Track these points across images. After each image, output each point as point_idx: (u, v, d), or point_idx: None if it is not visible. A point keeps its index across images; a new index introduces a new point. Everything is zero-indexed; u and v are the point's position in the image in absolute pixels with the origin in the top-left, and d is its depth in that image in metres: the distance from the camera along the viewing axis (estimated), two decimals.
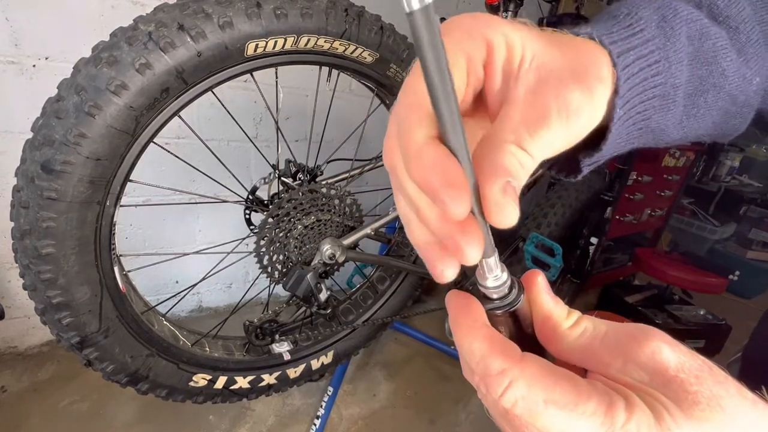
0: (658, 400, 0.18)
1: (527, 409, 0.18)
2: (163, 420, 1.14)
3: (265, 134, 1.49)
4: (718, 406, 0.17)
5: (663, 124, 0.30)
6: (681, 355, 0.19)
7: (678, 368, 0.18)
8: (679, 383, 0.18)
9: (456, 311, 0.22)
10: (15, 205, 0.62)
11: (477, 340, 0.21)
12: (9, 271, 1.22)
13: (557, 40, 0.23)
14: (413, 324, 1.67)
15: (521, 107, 0.20)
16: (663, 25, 0.28)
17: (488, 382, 0.19)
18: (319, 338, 1.10)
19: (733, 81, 0.31)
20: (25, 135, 0.63)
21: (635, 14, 0.27)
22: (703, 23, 0.29)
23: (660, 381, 0.18)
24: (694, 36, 0.29)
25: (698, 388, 0.18)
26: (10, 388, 1.16)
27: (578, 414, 0.17)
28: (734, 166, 2.72)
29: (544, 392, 0.18)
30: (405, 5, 0.14)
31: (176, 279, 1.52)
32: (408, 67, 0.96)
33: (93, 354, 0.71)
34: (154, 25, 0.60)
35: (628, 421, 0.17)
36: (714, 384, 0.18)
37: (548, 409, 0.18)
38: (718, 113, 0.33)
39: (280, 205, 0.87)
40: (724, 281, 2.02)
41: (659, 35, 0.27)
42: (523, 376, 0.19)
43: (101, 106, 0.59)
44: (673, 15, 0.28)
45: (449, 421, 1.30)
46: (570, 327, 0.22)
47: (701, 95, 0.31)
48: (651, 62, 0.27)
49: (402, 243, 1.23)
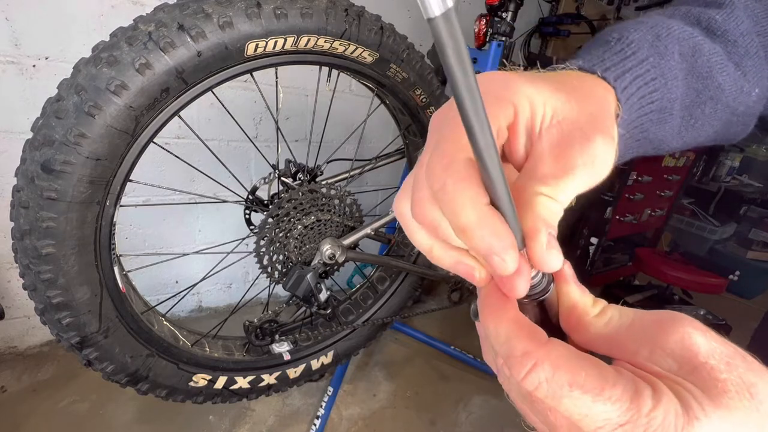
0: (686, 388, 0.17)
1: (551, 392, 0.18)
2: (163, 420, 1.14)
3: (265, 134, 1.49)
4: (748, 394, 0.17)
5: (661, 135, 0.32)
6: (712, 341, 0.18)
7: (708, 354, 0.18)
8: (708, 370, 0.18)
9: (486, 293, 0.22)
10: (15, 205, 0.62)
11: (504, 322, 0.21)
12: (9, 271, 1.22)
13: (569, 89, 0.24)
14: (413, 324, 1.67)
15: (549, 161, 0.22)
16: (657, 44, 0.29)
17: (512, 363, 0.19)
18: (319, 338, 1.09)
19: (730, 93, 0.33)
20: (25, 135, 0.63)
21: (626, 38, 0.29)
22: (695, 41, 0.31)
23: (688, 368, 0.18)
24: (686, 53, 0.30)
25: (728, 376, 0.17)
26: (10, 388, 1.16)
27: (603, 399, 0.17)
28: (734, 166, 2.72)
29: (569, 376, 0.18)
30: (425, 10, 0.14)
31: (176, 279, 1.52)
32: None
33: (93, 354, 0.71)
34: (154, 25, 0.60)
35: (654, 409, 0.17)
36: (746, 371, 0.18)
37: (573, 392, 0.18)
38: (717, 123, 0.34)
39: (280, 205, 0.87)
40: (724, 281, 2.02)
41: (653, 54, 0.29)
42: (549, 359, 0.18)
43: (101, 106, 0.59)
44: (666, 34, 0.30)
45: (449, 421, 1.30)
46: (596, 316, 0.22)
47: (698, 107, 0.32)
48: (648, 80, 0.28)
49: (402, 243, 1.23)
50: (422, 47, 1.33)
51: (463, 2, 1.82)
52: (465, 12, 1.83)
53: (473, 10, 1.83)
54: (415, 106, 0.97)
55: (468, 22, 1.82)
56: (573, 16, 1.97)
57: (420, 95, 0.95)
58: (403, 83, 0.90)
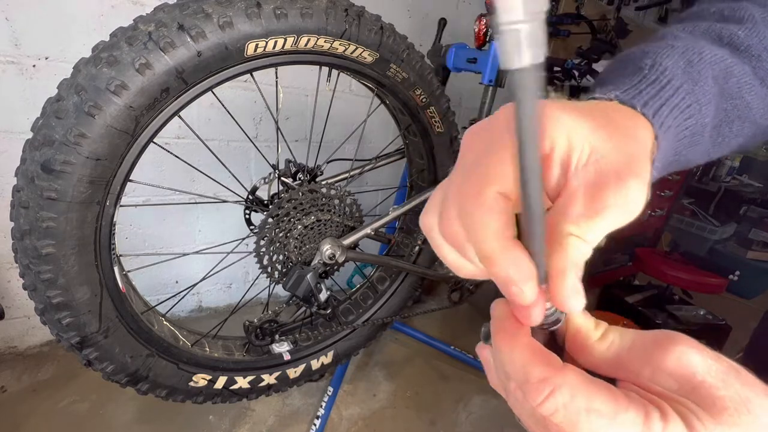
0: (688, 408, 0.18)
1: (568, 418, 0.19)
2: (163, 420, 1.14)
3: (265, 134, 1.49)
4: (746, 410, 0.18)
5: (691, 155, 0.31)
6: (707, 359, 0.19)
7: (705, 372, 0.19)
8: (706, 388, 0.18)
9: (500, 320, 0.23)
10: (15, 205, 0.62)
11: (518, 349, 0.21)
12: (9, 271, 1.22)
13: (612, 128, 0.24)
14: (413, 324, 1.66)
15: (582, 200, 0.21)
16: (689, 71, 0.29)
17: (528, 389, 0.20)
18: (319, 338, 1.09)
19: (757, 111, 0.33)
20: (25, 135, 0.63)
21: (660, 65, 0.28)
22: (726, 63, 0.31)
23: (688, 387, 0.19)
24: (719, 76, 0.30)
25: (725, 393, 0.18)
26: (10, 388, 1.16)
27: (619, 423, 0.18)
28: (734, 166, 2.72)
29: (586, 401, 0.18)
30: (508, 61, 0.14)
31: (176, 279, 1.52)
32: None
33: (93, 354, 0.71)
34: (154, 25, 0.60)
35: (664, 430, 0.18)
36: (741, 387, 0.18)
37: (590, 417, 0.18)
38: (743, 138, 0.35)
39: (280, 205, 0.87)
40: (724, 281, 2.02)
41: (687, 80, 0.28)
42: (566, 384, 0.19)
43: (101, 106, 0.59)
44: (698, 59, 0.29)
45: (449, 421, 1.30)
46: (598, 340, 0.22)
47: (726, 126, 0.32)
48: (683, 108, 0.28)
49: (402, 243, 1.23)
50: (422, 47, 1.33)
51: (462, 2, 1.82)
52: (465, 12, 1.83)
53: (473, 11, 1.83)
54: (415, 106, 0.96)
55: (468, 22, 1.82)
56: (573, 16, 1.97)
57: (420, 95, 0.95)
58: (403, 83, 0.90)
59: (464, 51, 1.29)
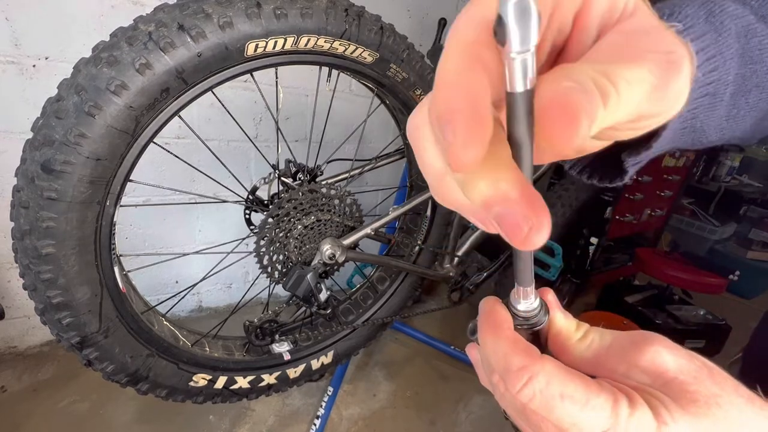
0: (658, 398, 0.19)
1: (544, 403, 0.19)
2: (163, 420, 1.14)
3: (265, 134, 1.49)
4: (715, 404, 0.19)
5: (706, 123, 0.29)
6: (679, 358, 0.20)
7: (677, 371, 0.20)
8: (678, 384, 0.19)
9: (486, 314, 0.24)
10: (15, 205, 0.62)
11: (501, 341, 0.22)
12: (9, 271, 1.22)
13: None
14: (413, 324, 1.67)
15: (615, 45, 0.17)
16: (712, 20, 0.26)
17: (508, 378, 0.21)
18: (319, 338, 1.10)
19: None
20: (25, 135, 0.63)
21: (680, 12, 0.26)
22: (749, 19, 0.28)
23: (660, 382, 0.20)
24: (741, 33, 0.27)
25: (697, 388, 0.19)
26: (10, 388, 1.16)
27: (589, 408, 0.19)
28: (734, 166, 2.72)
29: (560, 387, 0.19)
30: (516, 86, 0.14)
31: (176, 279, 1.52)
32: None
33: (93, 354, 0.71)
34: (154, 25, 0.60)
35: (631, 416, 0.18)
36: (712, 384, 0.19)
37: (564, 402, 0.19)
38: (758, 114, 0.32)
39: (280, 205, 0.87)
40: (724, 281, 2.02)
41: (710, 30, 0.26)
42: (543, 372, 0.20)
43: (101, 106, 0.59)
44: (720, 10, 0.27)
45: (449, 421, 1.30)
46: (579, 339, 0.23)
47: (743, 95, 0.30)
48: (709, 56, 0.25)
49: (402, 243, 1.23)
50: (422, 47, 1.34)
51: (462, 2, 1.82)
52: None
53: None
54: (415, 106, 0.96)
55: None
56: None
57: (420, 95, 0.95)
58: (403, 83, 0.90)
59: None
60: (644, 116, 0.18)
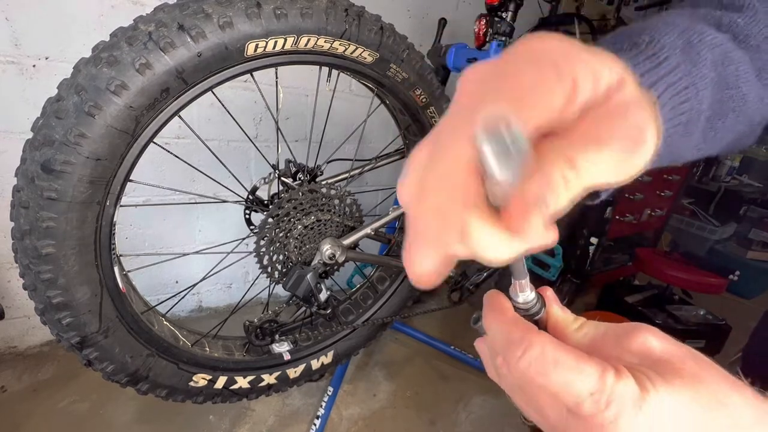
0: (643, 372, 0.21)
1: (540, 368, 0.21)
2: (162, 420, 1.14)
3: (265, 134, 1.49)
4: (698, 380, 0.20)
5: (682, 148, 0.31)
6: (666, 344, 0.22)
7: (663, 352, 0.22)
8: (664, 362, 0.21)
9: (490, 303, 0.26)
10: (15, 205, 0.62)
11: (503, 321, 0.25)
12: (9, 271, 1.22)
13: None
14: (413, 324, 1.67)
15: (587, 131, 0.19)
16: (689, 50, 0.27)
17: (509, 350, 0.23)
18: (319, 338, 1.10)
19: (752, 105, 0.32)
20: (25, 135, 0.63)
21: (657, 41, 0.27)
22: (726, 47, 0.29)
23: (648, 362, 0.22)
24: (717, 61, 0.29)
25: (681, 366, 0.21)
26: (10, 388, 1.16)
27: (579, 372, 0.21)
28: (734, 166, 2.72)
29: (554, 353, 0.22)
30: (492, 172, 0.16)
31: (176, 279, 1.52)
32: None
33: (93, 354, 0.71)
34: (154, 25, 0.60)
35: (616, 383, 0.20)
36: (695, 365, 0.21)
37: (557, 368, 0.21)
38: (733, 135, 0.34)
39: (280, 205, 0.87)
40: (724, 281, 2.02)
41: (685, 61, 0.27)
42: (539, 341, 0.22)
43: (101, 106, 0.59)
44: (698, 40, 0.28)
45: (449, 421, 1.30)
46: (576, 329, 0.26)
47: (720, 119, 0.31)
48: (680, 89, 0.27)
49: (402, 243, 1.22)
50: (422, 47, 1.33)
51: (463, 2, 1.82)
52: (465, 12, 1.83)
53: (473, 10, 1.83)
54: (415, 106, 0.97)
55: (468, 22, 1.82)
56: (573, 16, 1.97)
57: (420, 95, 0.95)
58: (403, 83, 0.90)
59: (464, 51, 1.29)
60: (604, 185, 0.20)
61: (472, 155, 0.17)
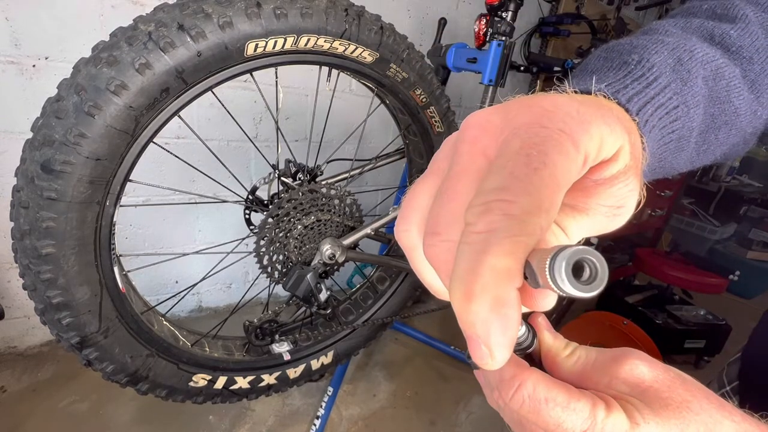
0: (633, 404, 0.21)
1: (532, 407, 0.22)
2: (162, 420, 1.14)
3: (265, 134, 1.49)
4: (686, 408, 0.21)
5: (675, 163, 0.31)
6: (655, 370, 0.23)
7: (652, 380, 0.22)
8: (653, 391, 0.22)
9: None
10: (15, 205, 0.62)
11: None
12: (9, 271, 1.22)
13: (613, 122, 0.22)
14: (413, 324, 1.67)
15: (573, 195, 0.21)
16: (679, 69, 0.27)
17: (502, 388, 0.23)
18: (319, 338, 1.09)
19: (744, 118, 0.32)
20: (25, 135, 0.63)
21: (647, 61, 0.27)
22: (717, 63, 0.29)
23: (638, 391, 0.22)
24: (708, 77, 0.29)
25: (669, 395, 0.21)
26: (10, 388, 1.16)
27: (570, 410, 0.21)
28: (734, 166, 2.72)
29: (545, 392, 0.22)
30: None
31: (176, 279, 1.52)
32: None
33: (93, 354, 0.71)
34: (154, 25, 0.60)
35: (606, 418, 0.21)
36: (684, 391, 0.22)
37: (548, 405, 0.21)
38: (727, 147, 0.34)
39: (280, 205, 0.87)
40: (724, 281, 2.02)
41: (675, 79, 0.27)
42: (530, 379, 0.22)
43: (101, 106, 0.59)
44: (689, 58, 0.28)
45: (449, 422, 1.30)
46: (567, 356, 0.26)
47: (712, 132, 0.31)
48: (669, 109, 0.27)
49: None
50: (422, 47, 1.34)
51: (463, 2, 1.82)
52: (465, 12, 1.83)
53: (473, 10, 1.83)
54: (415, 106, 0.96)
55: (468, 22, 1.81)
56: (573, 16, 1.97)
57: (420, 95, 0.95)
58: (403, 83, 0.90)
59: (464, 51, 1.29)
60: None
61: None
